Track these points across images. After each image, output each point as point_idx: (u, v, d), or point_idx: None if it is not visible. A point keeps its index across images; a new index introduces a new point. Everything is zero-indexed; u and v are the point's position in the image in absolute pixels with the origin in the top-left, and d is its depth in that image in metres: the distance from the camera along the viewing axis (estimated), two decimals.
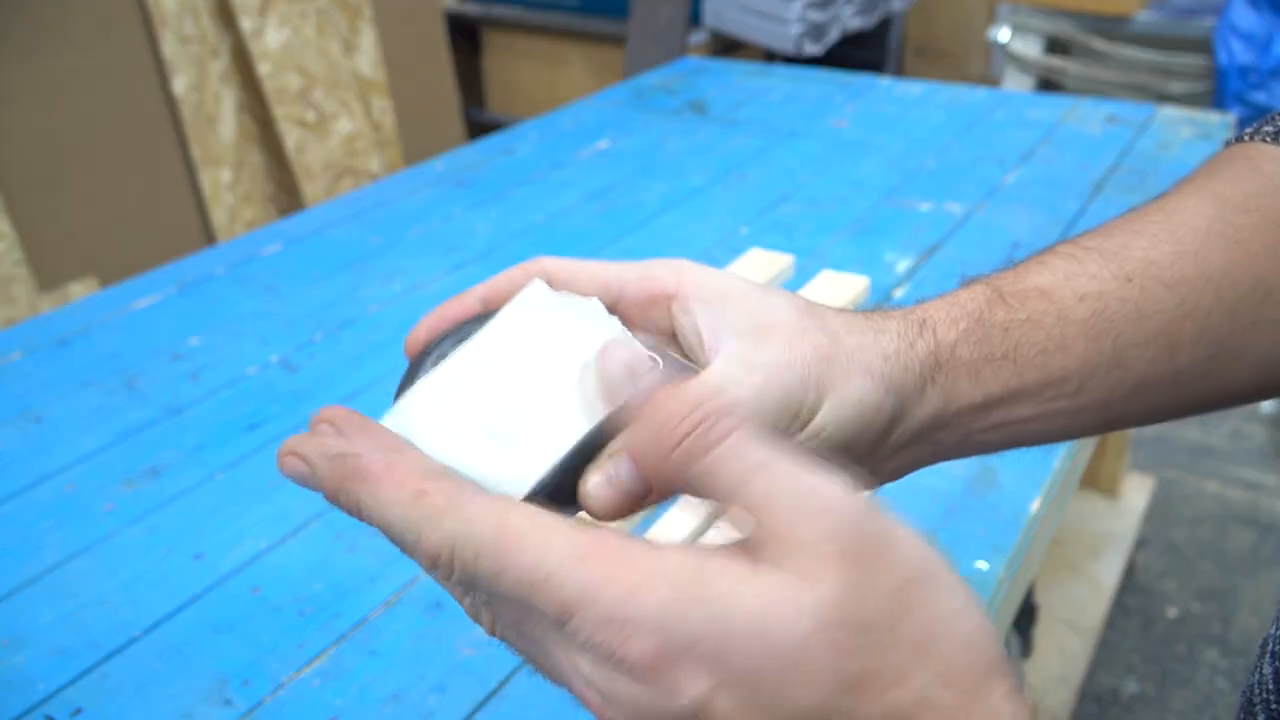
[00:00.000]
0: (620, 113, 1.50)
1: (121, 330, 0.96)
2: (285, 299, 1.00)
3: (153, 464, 0.77)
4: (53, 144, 1.67)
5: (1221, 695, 1.49)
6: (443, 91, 2.31)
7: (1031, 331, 0.37)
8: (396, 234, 1.14)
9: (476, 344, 0.33)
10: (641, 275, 0.35)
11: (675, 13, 2.11)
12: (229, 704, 0.57)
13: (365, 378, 0.87)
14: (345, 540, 0.69)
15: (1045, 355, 0.37)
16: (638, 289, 0.35)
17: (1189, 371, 0.37)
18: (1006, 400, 0.37)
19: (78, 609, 0.64)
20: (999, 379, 0.37)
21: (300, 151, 1.98)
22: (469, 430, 0.31)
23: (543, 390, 0.32)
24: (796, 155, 1.32)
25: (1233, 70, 2.17)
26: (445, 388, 0.32)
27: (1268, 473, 1.93)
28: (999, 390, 0.37)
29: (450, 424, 0.31)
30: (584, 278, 0.35)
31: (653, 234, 1.12)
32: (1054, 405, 0.37)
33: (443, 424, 0.31)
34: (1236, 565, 1.71)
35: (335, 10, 2.02)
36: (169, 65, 1.79)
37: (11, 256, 1.61)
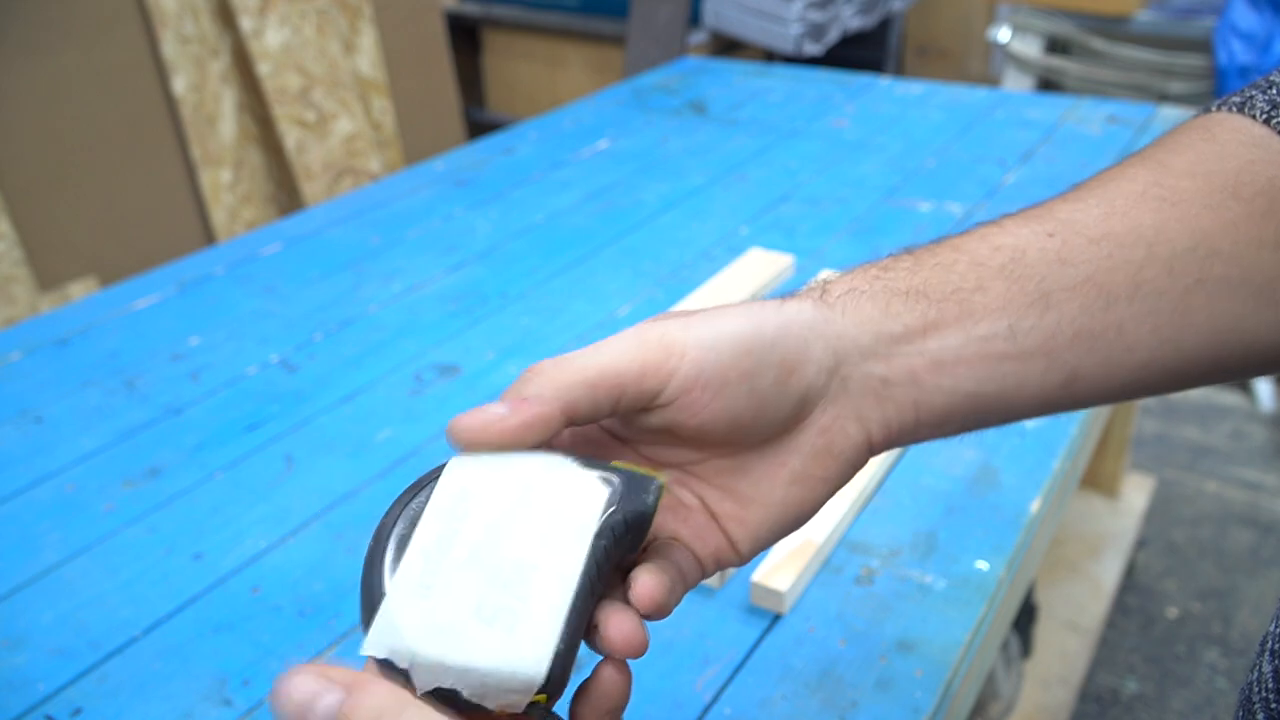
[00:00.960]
0: (620, 113, 1.50)
1: (121, 330, 0.96)
2: (285, 299, 1.00)
3: (152, 464, 0.77)
4: (53, 144, 1.67)
5: (1221, 695, 1.49)
6: (443, 91, 2.31)
7: (941, 273, 0.36)
8: (396, 234, 1.14)
9: (430, 522, 0.32)
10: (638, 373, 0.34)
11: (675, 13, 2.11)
12: (229, 704, 0.57)
13: (365, 378, 0.87)
14: (345, 540, 0.69)
15: (961, 293, 0.36)
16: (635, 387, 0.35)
17: (1133, 327, 0.36)
18: (929, 331, 0.36)
19: (78, 609, 0.64)
20: (912, 310, 0.36)
21: (300, 151, 1.98)
22: (462, 622, 0.30)
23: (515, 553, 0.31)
24: (796, 155, 1.32)
25: (1233, 70, 2.17)
26: (417, 581, 0.31)
27: (1268, 473, 1.93)
28: (916, 321, 0.36)
29: (441, 623, 0.30)
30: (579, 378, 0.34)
31: (653, 234, 1.12)
32: (991, 346, 0.36)
33: (434, 627, 0.30)
34: (1236, 565, 1.71)
35: (335, 10, 2.02)
36: (169, 65, 1.79)
37: (11, 256, 1.61)
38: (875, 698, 0.56)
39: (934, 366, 0.36)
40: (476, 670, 0.29)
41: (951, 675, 0.57)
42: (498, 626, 0.30)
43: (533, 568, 0.31)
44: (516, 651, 0.29)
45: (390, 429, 0.80)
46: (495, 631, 0.30)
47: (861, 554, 0.66)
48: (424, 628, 0.30)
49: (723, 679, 0.58)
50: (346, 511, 0.71)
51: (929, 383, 0.36)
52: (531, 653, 0.29)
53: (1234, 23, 2.18)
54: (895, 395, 0.36)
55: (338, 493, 0.73)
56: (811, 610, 0.62)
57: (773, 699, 0.56)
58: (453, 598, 0.30)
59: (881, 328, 0.36)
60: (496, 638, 0.30)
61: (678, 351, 0.34)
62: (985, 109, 1.45)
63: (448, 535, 0.31)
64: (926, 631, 0.60)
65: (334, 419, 0.82)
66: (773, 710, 0.56)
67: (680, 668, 0.59)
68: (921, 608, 0.62)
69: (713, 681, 0.58)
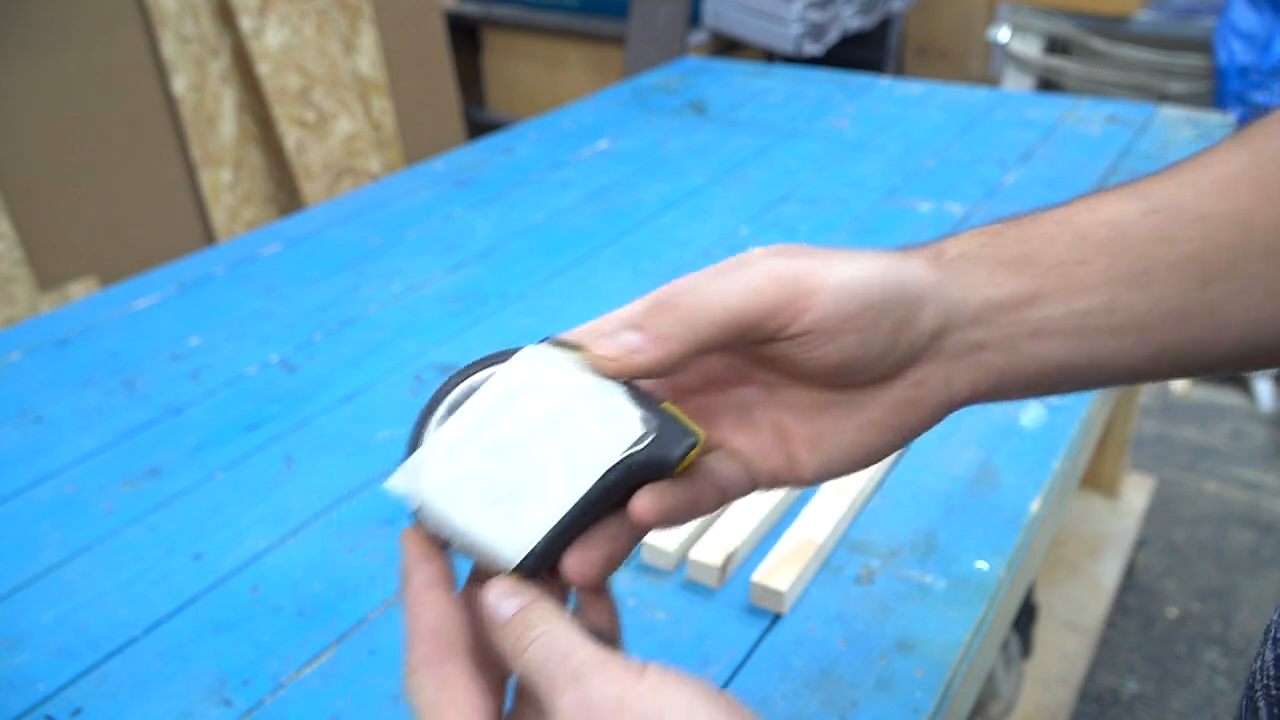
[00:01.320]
0: (620, 113, 1.50)
1: (121, 330, 0.96)
2: (285, 299, 1.00)
3: (153, 464, 0.77)
4: (53, 144, 1.67)
5: (1221, 695, 1.49)
6: (443, 91, 2.31)
7: (1047, 245, 0.37)
8: (396, 234, 1.14)
9: (480, 400, 0.36)
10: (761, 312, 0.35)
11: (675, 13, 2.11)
12: (229, 704, 0.57)
13: (365, 378, 0.87)
14: (345, 540, 0.69)
15: (1064, 266, 0.37)
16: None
17: (1227, 306, 0.36)
18: (1032, 302, 0.37)
19: (78, 609, 0.64)
20: (1018, 278, 0.37)
21: (300, 151, 1.98)
22: (472, 495, 0.34)
23: (539, 457, 0.35)
24: (796, 155, 1.32)
25: (1233, 70, 2.17)
26: (451, 445, 0.35)
27: (1268, 473, 1.93)
28: (1021, 290, 0.37)
29: (455, 487, 0.34)
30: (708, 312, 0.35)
31: (653, 234, 1.12)
32: (1089, 320, 0.36)
33: (449, 487, 0.34)
34: (1236, 565, 1.71)
35: (335, 10, 2.02)
36: (169, 65, 1.79)
37: (11, 256, 1.61)
38: (875, 698, 0.56)
39: (1031, 336, 0.37)
40: (467, 536, 0.34)
41: (951, 675, 0.57)
42: (498, 510, 0.34)
43: (547, 474, 0.34)
44: (505, 536, 0.34)
45: (390, 429, 0.80)
46: (495, 513, 0.34)
47: (861, 554, 0.66)
48: (442, 485, 0.34)
49: (723, 679, 0.58)
50: (346, 511, 0.71)
51: (1024, 350, 0.37)
52: (515, 542, 0.34)
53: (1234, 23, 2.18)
54: (988, 360, 0.37)
55: (338, 493, 0.73)
56: (811, 610, 0.62)
57: (773, 699, 0.56)
58: (472, 473, 0.35)
59: (988, 295, 0.37)
60: (494, 519, 0.34)
61: (809, 291, 0.35)
62: (985, 109, 1.45)
63: (489, 419, 0.35)
64: (926, 631, 0.60)
65: (334, 419, 0.82)
66: (773, 710, 0.56)
67: (680, 668, 0.58)
68: (921, 608, 0.62)
69: (713, 681, 0.58)
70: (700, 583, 0.64)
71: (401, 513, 0.71)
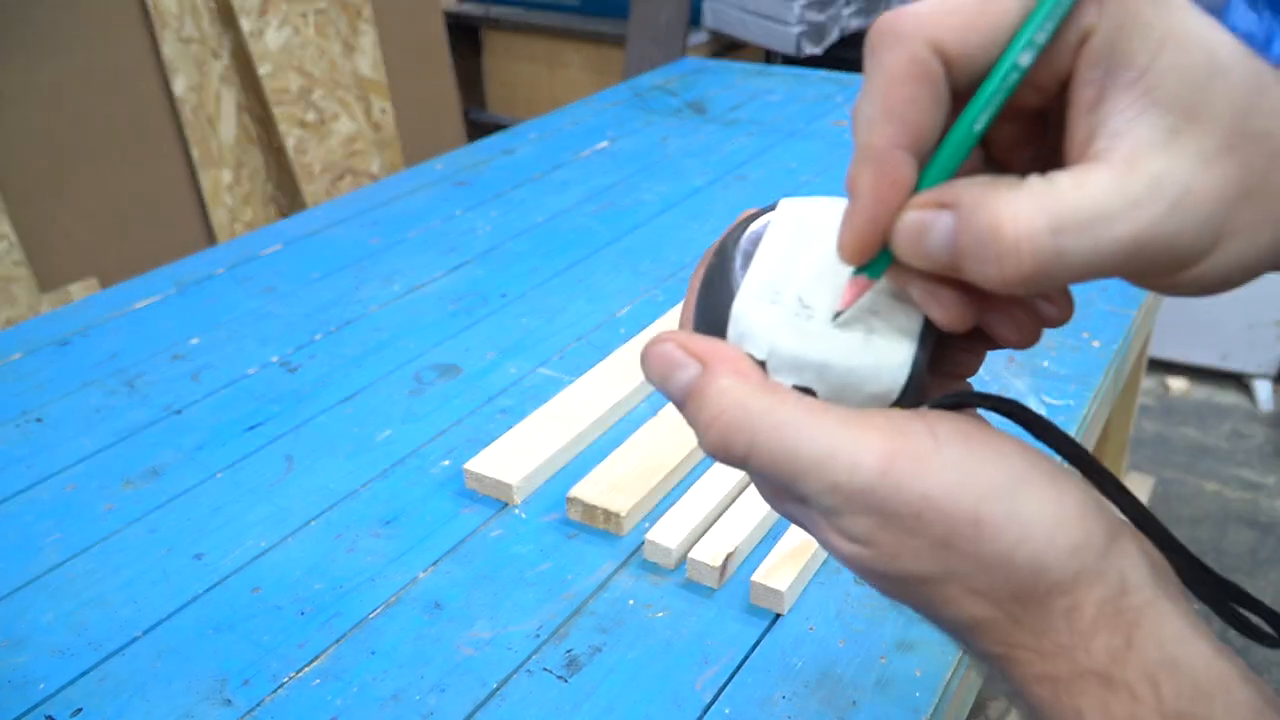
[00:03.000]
0: (620, 113, 1.50)
1: (121, 330, 0.96)
2: (285, 299, 1.00)
3: (153, 464, 0.77)
4: (53, 144, 1.67)
5: None
6: (443, 92, 2.31)
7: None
8: (396, 234, 1.14)
9: (772, 242, 0.31)
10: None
11: (675, 13, 2.11)
12: (229, 704, 0.57)
13: (365, 378, 0.87)
14: (345, 540, 0.69)
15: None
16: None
17: None
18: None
19: (78, 609, 0.64)
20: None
21: (300, 152, 1.98)
22: (816, 326, 0.30)
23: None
24: (796, 155, 1.32)
25: None
26: (766, 287, 0.31)
27: (1268, 473, 1.93)
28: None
29: (793, 323, 0.30)
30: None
31: (653, 234, 1.12)
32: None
33: (787, 324, 0.30)
34: (1236, 565, 1.71)
35: (335, 10, 2.02)
36: (169, 65, 1.79)
37: (12, 257, 1.61)
38: (875, 698, 0.56)
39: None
40: (838, 367, 0.29)
41: (951, 675, 0.57)
42: (854, 333, 0.30)
43: (878, 290, 0.30)
44: (877, 356, 0.29)
45: (390, 429, 0.80)
46: (852, 336, 0.29)
47: None
48: (779, 325, 0.30)
49: (723, 679, 0.58)
50: (346, 511, 0.71)
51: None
52: (893, 358, 0.29)
53: (1234, 23, 2.17)
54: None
55: (338, 493, 0.73)
56: (811, 610, 0.62)
57: (773, 699, 0.56)
58: (803, 305, 0.30)
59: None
60: (853, 343, 0.29)
61: None
62: None
63: (792, 254, 0.31)
64: (926, 631, 0.60)
65: (334, 419, 0.82)
66: (773, 710, 0.56)
67: (680, 667, 0.59)
68: None
69: (713, 681, 0.58)
70: (700, 583, 0.64)
71: (402, 513, 0.71)
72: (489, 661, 0.59)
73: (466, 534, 0.69)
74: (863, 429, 0.27)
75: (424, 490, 0.73)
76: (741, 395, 0.28)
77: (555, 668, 0.59)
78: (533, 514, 0.71)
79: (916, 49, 0.26)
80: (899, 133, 0.27)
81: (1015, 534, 0.27)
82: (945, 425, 0.28)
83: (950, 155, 0.28)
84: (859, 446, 0.27)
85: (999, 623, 0.27)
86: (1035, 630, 0.27)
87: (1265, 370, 2.14)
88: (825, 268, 0.30)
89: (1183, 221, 0.25)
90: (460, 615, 0.63)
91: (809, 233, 0.31)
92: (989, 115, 0.27)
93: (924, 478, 0.27)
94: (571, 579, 0.65)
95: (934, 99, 0.27)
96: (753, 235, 0.32)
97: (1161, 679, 0.26)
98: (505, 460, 0.73)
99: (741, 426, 0.28)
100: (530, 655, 0.59)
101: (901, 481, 0.27)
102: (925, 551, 0.27)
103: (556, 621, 0.62)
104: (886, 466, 0.27)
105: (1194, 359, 2.18)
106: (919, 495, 0.27)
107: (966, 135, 0.27)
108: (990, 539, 0.27)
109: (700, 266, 0.33)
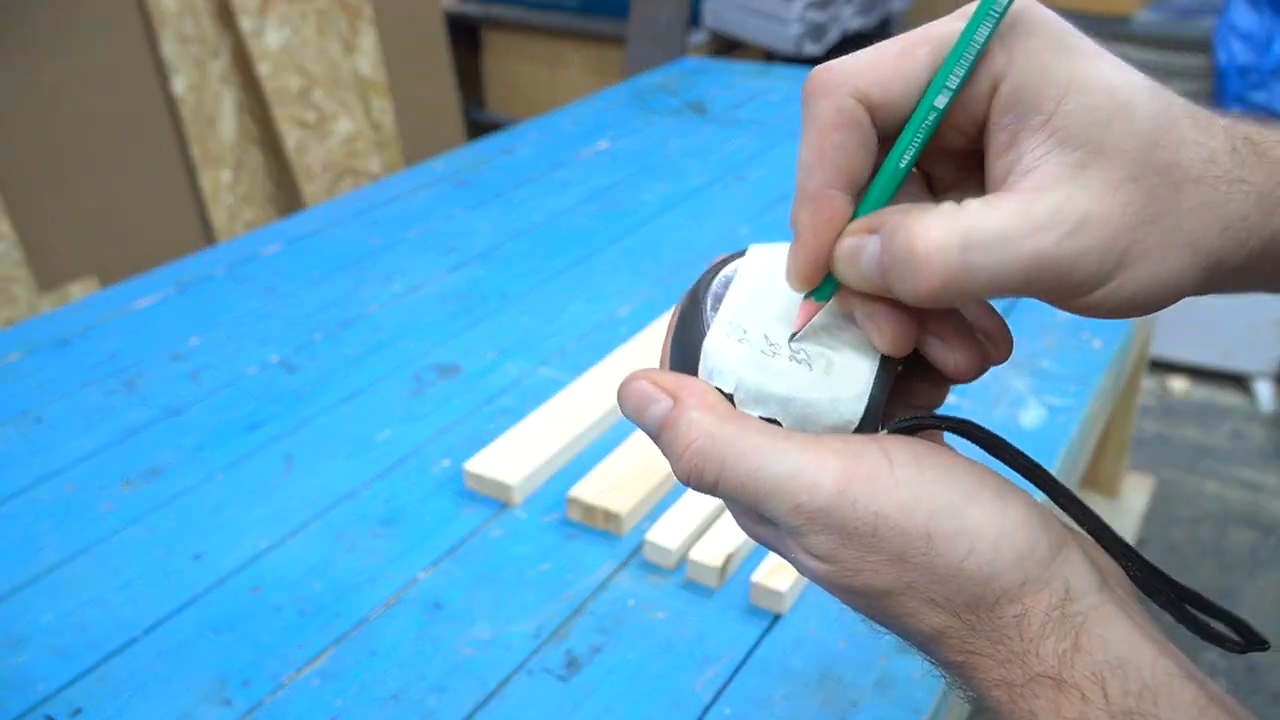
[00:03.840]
0: (620, 113, 1.50)
1: (121, 330, 0.96)
2: (285, 299, 1.00)
3: (153, 464, 0.77)
4: (53, 144, 1.67)
5: None
6: (443, 91, 2.31)
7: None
8: (396, 234, 1.14)
9: (742, 284, 0.34)
10: None
11: (675, 13, 2.10)
12: (229, 704, 0.57)
13: (365, 378, 0.87)
14: (345, 540, 0.69)
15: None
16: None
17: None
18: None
19: (78, 609, 0.64)
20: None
21: (300, 151, 1.98)
22: (779, 362, 0.32)
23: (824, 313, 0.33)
24: (796, 155, 1.32)
25: (1233, 70, 2.17)
26: (734, 325, 0.33)
27: (1268, 473, 1.93)
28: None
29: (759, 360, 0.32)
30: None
31: (653, 234, 1.12)
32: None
33: (753, 360, 0.33)
34: (1236, 565, 1.71)
35: (335, 10, 2.02)
36: (169, 65, 1.79)
37: (11, 257, 1.61)
38: (875, 698, 0.56)
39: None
40: (799, 400, 0.32)
41: None
42: (815, 369, 0.32)
43: (840, 329, 0.33)
44: (835, 389, 0.32)
45: (390, 429, 0.80)
46: (813, 372, 0.32)
47: None
48: (745, 361, 0.32)
49: (723, 679, 0.58)
50: (346, 511, 0.71)
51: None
52: (850, 391, 0.32)
53: (1234, 23, 2.17)
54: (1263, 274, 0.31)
55: (338, 493, 0.73)
56: (811, 610, 0.62)
57: (773, 699, 0.56)
58: (768, 343, 0.33)
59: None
60: (815, 376, 0.32)
61: None
62: None
63: (759, 296, 0.34)
64: None
65: (334, 419, 0.82)
66: (773, 710, 0.56)
67: (680, 668, 0.59)
68: None
69: (713, 681, 0.58)
70: (700, 583, 0.64)
71: (402, 513, 0.71)
72: (489, 661, 0.59)
73: (466, 534, 0.69)
74: (821, 453, 0.30)
75: (424, 490, 0.73)
76: (710, 426, 0.31)
77: (555, 668, 0.59)
78: (533, 514, 0.71)
79: (842, 100, 0.30)
80: (830, 175, 0.30)
81: (964, 547, 0.29)
82: (899, 447, 0.30)
83: (882, 189, 0.31)
84: (818, 469, 0.29)
85: (957, 630, 0.29)
86: (990, 637, 0.29)
87: (1265, 370, 2.14)
88: (789, 308, 0.33)
89: (1082, 245, 0.28)
90: (460, 615, 0.62)
91: (774, 276, 0.34)
92: (913, 153, 0.30)
93: (878, 497, 0.29)
94: (571, 579, 0.65)
95: (860, 143, 0.30)
96: (723, 279, 0.34)
97: (1109, 679, 0.27)
98: (505, 460, 0.73)
99: (711, 455, 0.30)
100: (530, 655, 0.59)
101: (857, 500, 0.29)
102: (884, 566, 0.29)
103: (556, 622, 0.62)
104: (843, 487, 0.29)
105: (1194, 359, 2.18)
106: (873, 513, 0.29)
107: (895, 171, 0.31)
108: (941, 552, 0.29)
109: (675, 309, 0.35)
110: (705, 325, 0.33)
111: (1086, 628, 0.28)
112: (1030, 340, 0.89)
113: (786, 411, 0.32)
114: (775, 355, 0.32)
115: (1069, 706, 0.27)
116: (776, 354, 0.33)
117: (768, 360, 0.32)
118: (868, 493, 0.29)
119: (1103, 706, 0.27)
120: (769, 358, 0.32)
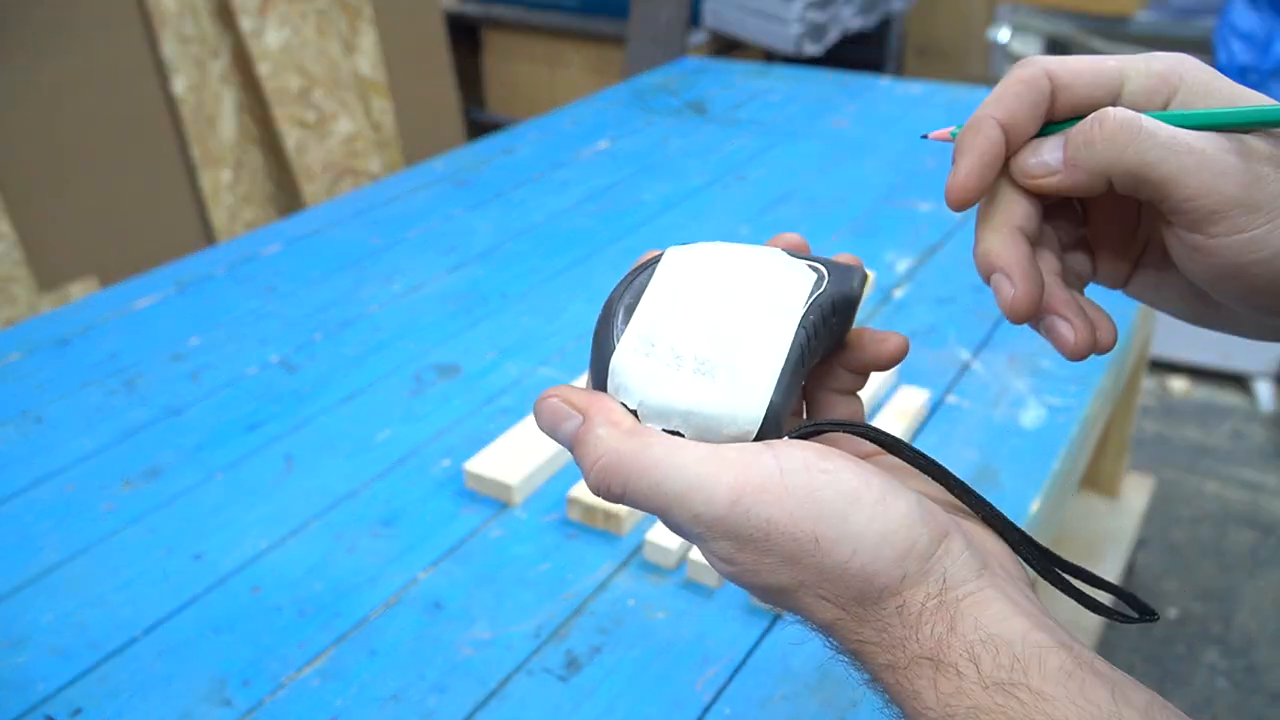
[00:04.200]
0: (620, 113, 1.50)
1: (121, 330, 0.96)
2: (285, 299, 1.00)
3: (153, 464, 0.77)
4: (53, 144, 1.67)
5: (1221, 695, 1.49)
6: (443, 91, 2.31)
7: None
8: (396, 234, 1.14)
9: (653, 296, 0.36)
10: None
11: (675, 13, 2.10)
12: (229, 704, 0.57)
13: (365, 378, 0.87)
14: (345, 540, 0.69)
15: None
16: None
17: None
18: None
19: (78, 609, 0.64)
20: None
21: (300, 151, 1.98)
22: (684, 376, 0.34)
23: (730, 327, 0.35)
24: (796, 155, 1.32)
25: (1233, 70, 2.16)
26: (643, 339, 0.35)
27: (1268, 473, 1.93)
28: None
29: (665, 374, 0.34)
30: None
31: (653, 234, 1.12)
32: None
33: (658, 375, 0.34)
34: (1236, 565, 1.71)
35: (335, 10, 2.02)
36: (169, 65, 1.79)
37: (11, 257, 1.61)
38: (875, 698, 0.56)
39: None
40: (699, 414, 0.33)
41: None
42: (718, 380, 0.34)
43: (747, 336, 0.35)
44: (735, 400, 0.33)
45: (390, 429, 0.80)
46: (715, 384, 0.34)
47: None
48: (650, 376, 0.34)
49: (723, 679, 0.58)
50: (346, 511, 0.71)
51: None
52: (749, 401, 0.33)
53: (1234, 23, 2.17)
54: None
55: (338, 493, 0.73)
56: None
57: (773, 699, 0.56)
58: (674, 356, 0.34)
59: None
60: (717, 388, 0.34)
61: None
62: None
63: (668, 306, 0.35)
64: None
65: (334, 419, 0.82)
66: (773, 710, 0.56)
67: (680, 668, 0.59)
68: None
69: (713, 681, 0.58)
70: (700, 583, 0.64)
71: (402, 513, 0.71)
72: (489, 662, 0.59)
73: (466, 534, 0.69)
74: (718, 465, 0.32)
75: (424, 490, 0.73)
76: (615, 442, 0.33)
77: (555, 668, 0.59)
78: (532, 514, 0.71)
79: (1035, 70, 0.36)
80: (997, 109, 0.36)
81: (848, 549, 0.31)
82: (792, 454, 0.32)
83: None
84: (714, 482, 0.32)
85: (847, 623, 0.33)
86: (876, 627, 0.32)
87: (1265, 370, 2.14)
88: (697, 318, 0.35)
89: (1263, 173, 0.32)
90: (460, 615, 0.62)
91: (687, 283, 0.36)
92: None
93: (769, 505, 0.31)
94: (571, 579, 0.65)
95: (1034, 101, 0.36)
96: (635, 289, 0.36)
97: (981, 655, 0.30)
98: (505, 460, 0.73)
99: (616, 470, 0.33)
100: (530, 655, 0.59)
101: (750, 510, 0.31)
102: (778, 567, 0.32)
103: (556, 622, 0.62)
104: (735, 498, 0.31)
105: (1194, 359, 2.18)
106: (765, 520, 0.31)
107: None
108: (828, 554, 0.31)
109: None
110: (614, 341, 0.35)
111: (961, 611, 0.31)
112: (1030, 340, 0.89)
113: (688, 424, 0.34)
114: (680, 368, 0.34)
115: (945, 682, 0.30)
116: (681, 366, 0.34)
117: (673, 374, 0.34)
118: (760, 502, 0.31)
119: (975, 680, 0.30)
120: (674, 371, 0.34)
